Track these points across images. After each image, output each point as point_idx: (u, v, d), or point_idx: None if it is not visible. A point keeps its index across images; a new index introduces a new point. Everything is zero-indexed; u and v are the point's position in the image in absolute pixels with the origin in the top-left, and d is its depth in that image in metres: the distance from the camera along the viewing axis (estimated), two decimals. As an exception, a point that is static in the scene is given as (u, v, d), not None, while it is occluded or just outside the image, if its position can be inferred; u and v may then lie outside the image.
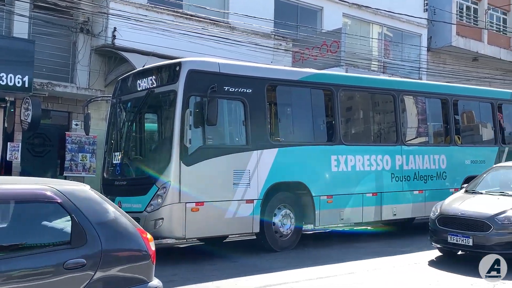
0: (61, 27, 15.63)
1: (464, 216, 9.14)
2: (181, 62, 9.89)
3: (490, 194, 9.82)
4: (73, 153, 15.58)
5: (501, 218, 8.79)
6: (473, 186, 10.51)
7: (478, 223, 8.90)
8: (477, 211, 9.12)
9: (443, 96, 13.69)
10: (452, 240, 9.11)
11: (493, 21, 27.63)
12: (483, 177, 10.79)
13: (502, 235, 8.75)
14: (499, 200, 9.41)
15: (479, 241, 8.79)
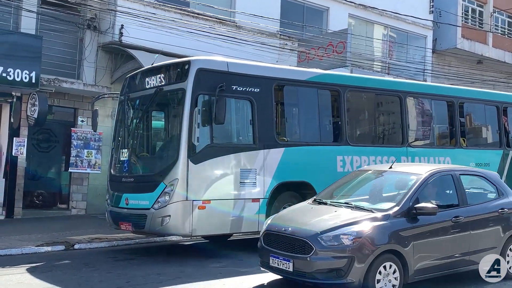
0: (68, 23, 15.73)
1: (287, 234, 7.19)
2: (190, 61, 9.95)
3: (333, 205, 7.81)
4: (78, 149, 15.66)
5: (327, 237, 6.81)
6: (325, 194, 8.59)
7: (300, 243, 6.94)
8: (303, 227, 7.14)
9: (449, 98, 13.73)
10: (274, 264, 7.20)
11: (498, 24, 27.67)
12: (339, 183, 8.96)
13: (325, 259, 6.75)
14: (335, 213, 7.43)
15: (299, 266, 6.88)
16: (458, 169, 8.77)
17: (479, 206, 8.32)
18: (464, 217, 7.81)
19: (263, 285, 7.93)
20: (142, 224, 9.70)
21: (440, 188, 8.24)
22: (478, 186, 8.92)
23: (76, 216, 15.79)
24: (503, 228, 8.33)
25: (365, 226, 6.96)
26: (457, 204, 8.03)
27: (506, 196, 8.64)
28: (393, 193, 8.01)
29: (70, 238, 11.55)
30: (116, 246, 11.44)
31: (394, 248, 7.01)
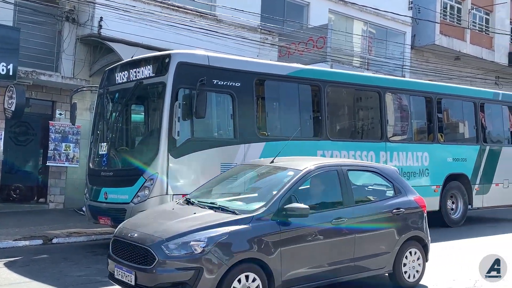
0: (46, 15, 15.51)
1: (131, 240, 6.16)
2: (171, 54, 9.90)
3: (199, 206, 6.83)
4: (56, 142, 15.48)
5: (174, 244, 5.79)
6: (199, 192, 7.61)
7: (143, 252, 5.92)
8: (149, 233, 6.10)
9: (427, 94, 13.88)
10: (118, 276, 6.19)
11: (476, 21, 28.00)
12: (219, 179, 8.08)
13: (169, 272, 5.71)
14: (194, 216, 6.42)
15: (141, 279, 5.85)
16: (347, 164, 7.81)
17: (369, 205, 7.48)
18: (347, 219, 6.89)
19: None
20: (122, 218, 9.54)
21: (322, 185, 7.31)
22: (372, 183, 8.07)
23: (54, 210, 15.62)
24: (398, 231, 7.42)
25: (221, 230, 5.93)
26: (341, 203, 7.09)
27: (405, 194, 7.74)
28: (266, 191, 6.98)
29: (48, 232, 11.43)
30: (95, 240, 11.36)
31: (255, 256, 6.02)
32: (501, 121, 15.92)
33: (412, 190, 7.99)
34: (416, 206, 7.81)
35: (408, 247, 7.52)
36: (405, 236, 7.48)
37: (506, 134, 15.94)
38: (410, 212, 7.68)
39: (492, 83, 27.33)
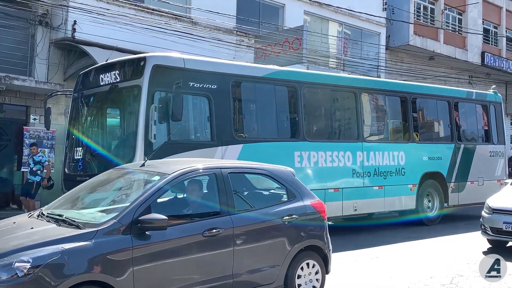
0: (19, 19, 15.28)
1: None
2: (146, 57, 9.85)
3: (46, 218, 5.88)
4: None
5: None
6: (60, 202, 6.64)
7: None
8: None
9: (402, 94, 14.01)
10: None
11: (449, 21, 28.37)
12: (86, 186, 7.10)
13: None
14: (31, 231, 5.53)
15: None
16: (228, 166, 6.70)
17: (254, 213, 6.41)
18: (224, 229, 5.93)
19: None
20: (99, 223, 9.52)
21: (194, 192, 6.43)
22: (262, 187, 7.28)
23: (30, 217, 15.37)
24: (289, 240, 6.51)
25: (53, 249, 4.96)
26: (217, 212, 6.12)
27: (300, 198, 6.82)
28: (125, 200, 6.11)
29: (24, 239, 11.23)
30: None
31: (98, 278, 5.10)
32: (475, 120, 16.15)
33: (310, 194, 7.05)
34: (313, 212, 6.85)
35: (303, 258, 6.62)
36: (299, 246, 6.56)
37: (480, 133, 16.18)
38: (306, 218, 6.73)
39: (465, 82, 27.73)
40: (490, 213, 10.36)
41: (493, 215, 10.32)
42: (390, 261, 9.53)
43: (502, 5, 31.24)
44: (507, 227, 10.02)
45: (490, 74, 29.62)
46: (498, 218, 10.20)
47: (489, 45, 30.53)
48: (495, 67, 29.55)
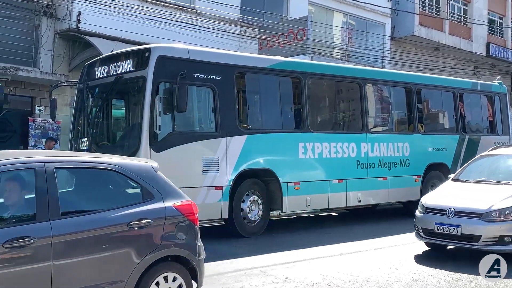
0: (24, 10, 15.31)
1: None
2: (151, 48, 9.85)
3: None
4: (36, 138, 15.34)
5: None
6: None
7: None
8: None
9: (407, 85, 13.97)
10: None
11: (454, 12, 28.23)
12: None
13: None
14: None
15: None
16: (57, 159, 5.33)
17: (87, 217, 5.19)
18: (38, 239, 4.74)
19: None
20: (104, 213, 9.58)
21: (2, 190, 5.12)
22: (110, 186, 5.82)
23: (35, 207, 15.46)
24: (138, 250, 5.31)
25: None
26: (33, 217, 4.92)
27: (160, 199, 5.60)
28: None
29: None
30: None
31: None
32: (479, 111, 16.10)
33: (176, 193, 5.83)
34: (177, 215, 5.64)
35: (159, 271, 5.44)
36: (152, 257, 5.36)
37: (484, 124, 16.13)
38: (164, 223, 5.53)
39: (470, 73, 27.62)
40: (423, 212, 9.09)
41: (426, 214, 9.03)
42: (394, 251, 9.56)
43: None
44: (439, 229, 8.64)
45: (495, 65, 29.47)
46: (431, 218, 8.88)
47: (494, 36, 30.37)
48: (500, 58, 29.42)
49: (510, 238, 8.16)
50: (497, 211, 8.30)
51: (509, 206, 8.34)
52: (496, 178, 9.59)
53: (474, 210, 8.45)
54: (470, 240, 8.36)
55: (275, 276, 7.65)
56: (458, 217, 8.47)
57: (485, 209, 8.35)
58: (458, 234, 8.41)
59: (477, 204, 8.56)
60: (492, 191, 8.94)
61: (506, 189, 8.89)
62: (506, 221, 8.25)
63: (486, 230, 8.26)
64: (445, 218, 8.58)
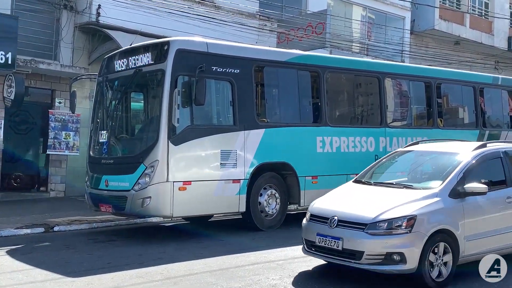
0: (44, 3, 15.47)
1: None
2: (170, 41, 9.89)
3: None
4: (56, 131, 15.50)
5: None
6: None
7: None
8: None
9: (427, 79, 13.85)
10: None
11: (475, 6, 27.87)
12: None
13: None
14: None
15: None
16: None
17: None
18: None
19: (244, 265, 7.94)
20: (123, 205, 9.68)
21: None
22: None
23: (55, 199, 15.69)
24: None
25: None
26: None
27: None
28: None
29: (50, 221, 11.48)
30: (96, 228, 11.41)
31: None
32: (500, 106, 15.90)
33: None
34: None
35: None
36: None
37: (505, 119, 15.93)
38: None
39: (491, 67, 27.26)
40: (308, 220, 7.46)
41: (309, 222, 7.38)
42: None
43: (530, -12, 30.59)
44: (320, 241, 6.98)
45: (517, 60, 29.10)
46: (313, 227, 7.24)
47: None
48: (523, 53, 29.01)
49: (400, 256, 6.44)
50: (385, 221, 6.56)
51: (401, 215, 6.59)
52: (400, 180, 7.95)
53: (359, 219, 6.73)
54: (353, 256, 6.65)
55: (292, 269, 7.65)
56: (341, 227, 6.81)
57: (370, 219, 6.62)
58: (339, 249, 6.74)
59: (364, 211, 6.83)
60: (388, 196, 7.20)
61: (405, 194, 7.13)
62: (396, 234, 6.53)
63: (369, 244, 6.56)
64: (327, 228, 6.95)
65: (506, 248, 7.53)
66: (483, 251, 7.17)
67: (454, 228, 6.84)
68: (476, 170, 7.48)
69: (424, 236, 6.55)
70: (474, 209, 7.18)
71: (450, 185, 7.09)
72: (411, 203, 6.80)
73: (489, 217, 7.38)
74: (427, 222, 6.65)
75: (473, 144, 8.30)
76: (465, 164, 7.41)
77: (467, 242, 6.96)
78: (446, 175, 7.29)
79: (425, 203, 6.81)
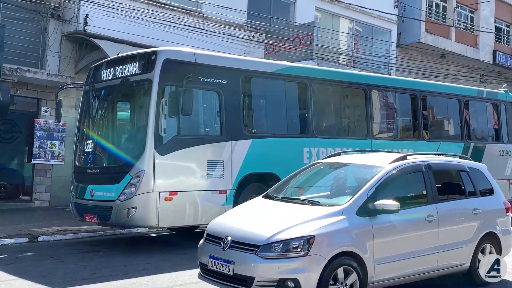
0: (31, 12, 15.36)
1: None
2: (157, 51, 9.89)
3: None
4: (41, 140, 15.35)
5: None
6: None
7: None
8: None
9: (413, 91, 13.96)
10: None
11: (461, 19, 28.19)
12: None
13: None
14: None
15: None
16: None
17: None
18: None
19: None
20: (108, 216, 9.61)
21: None
22: None
23: (40, 208, 15.52)
24: None
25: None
26: None
27: None
28: None
29: (34, 230, 11.36)
30: (81, 238, 11.31)
31: None
32: (485, 119, 16.07)
33: None
34: None
35: None
36: None
37: (490, 132, 16.09)
38: None
39: (476, 80, 27.56)
40: (204, 240, 6.64)
41: (204, 243, 6.58)
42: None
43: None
44: (213, 264, 6.18)
45: (502, 73, 29.42)
46: (207, 248, 6.41)
47: (501, 44, 30.31)
48: (507, 66, 29.36)
49: (293, 282, 5.67)
50: (281, 242, 5.75)
51: (298, 236, 5.79)
52: (308, 195, 7.21)
53: (252, 240, 5.91)
54: (244, 283, 5.83)
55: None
56: (234, 249, 5.99)
57: (264, 240, 5.81)
58: (230, 274, 5.93)
59: (259, 231, 5.99)
60: (290, 214, 6.38)
61: (309, 212, 6.33)
62: (291, 257, 5.71)
63: (261, 269, 5.74)
64: (220, 249, 6.13)
65: (426, 272, 6.87)
66: (399, 276, 6.52)
67: (360, 250, 6.05)
68: (392, 185, 6.74)
69: (322, 260, 5.74)
70: (386, 228, 6.40)
71: (358, 201, 6.30)
72: (312, 222, 5.97)
73: (404, 238, 6.60)
74: (327, 244, 5.84)
75: (393, 156, 7.40)
76: (379, 178, 6.61)
77: (377, 265, 6.17)
78: (356, 190, 6.53)
79: (327, 222, 5.98)
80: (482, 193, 7.90)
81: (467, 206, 7.57)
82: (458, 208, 7.50)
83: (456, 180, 7.92)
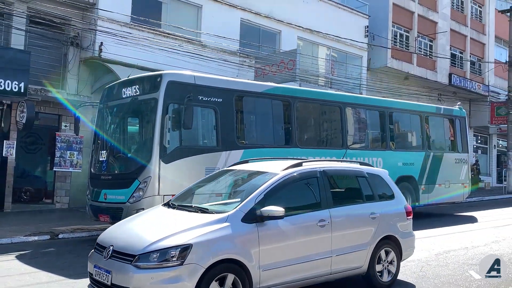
0: (53, 40, 15.33)
1: None
2: (162, 74, 9.89)
3: None
4: (62, 150, 15.26)
5: None
6: None
7: None
8: None
9: (381, 108, 14.05)
10: None
11: (421, 47, 28.43)
12: None
13: None
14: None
15: None
16: None
17: None
18: None
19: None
20: (119, 216, 9.52)
21: None
22: None
23: (60, 210, 15.40)
24: None
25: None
26: None
27: None
28: None
29: (55, 229, 11.26)
30: (96, 235, 11.14)
31: None
32: (442, 131, 16.19)
33: None
34: None
35: None
36: None
37: (447, 143, 16.22)
38: None
39: (435, 99, 27.75)
40: (94, 248, 5.81)
41: (93, 252, 5.78)
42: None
43: (467, 34, 31.36)
44: (96, 274, 5.41)
45: (456, 93, 29.65)
46: (94, 257, 5.64)
47: (455, 68, 30.58)
48: (461, 87, 29.60)
49: None
50: (157, 251, 4.99)
51: (175, 244, 5.03)
52: (201, 203, 6.35)
53: (130, 249, 5.17)
54: None
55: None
56: (114, 258, 5.25)
57: (140, 249, 5.07)
58: (108, 284, 5.18)
59: (139, 240, 5.25)
60: (175, 222, 5.59)
61: (194, 219, 5.51)
62: (166, 267, 4.93)
63: (135, 280, 4.95)
64: (102, 259, 5.40)
65: (319, 276, 6.02)
66: (289, 281, 5.68)
67: (244, 257, 5.27)
68: (283, 191, 5.91)
69: (199, 269, 4.95)
70: (274, 235, 5.58)
71: (245, 208, 5.50)
72: (193, 230, 5.18)
73: (294, 243, 5.76)
74: (205, 252, 5.03)
75: (289, 163, 6.49)
76: (269, 185, 5.81)
77: (263, 272, 5.39)
78: (244, 197, 5.71)
79: (208, 230, 5.19)
80: (382, 197, 7.00)
81: (363, 210, 6.63)
82: (353, 212, 6.52)
83: (354, 185, 6.99)
